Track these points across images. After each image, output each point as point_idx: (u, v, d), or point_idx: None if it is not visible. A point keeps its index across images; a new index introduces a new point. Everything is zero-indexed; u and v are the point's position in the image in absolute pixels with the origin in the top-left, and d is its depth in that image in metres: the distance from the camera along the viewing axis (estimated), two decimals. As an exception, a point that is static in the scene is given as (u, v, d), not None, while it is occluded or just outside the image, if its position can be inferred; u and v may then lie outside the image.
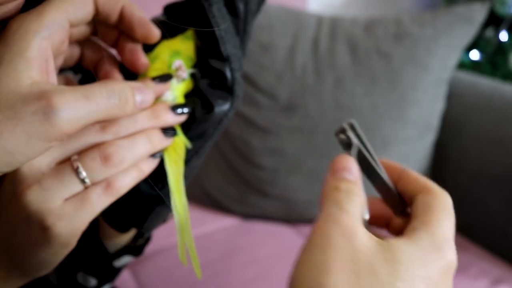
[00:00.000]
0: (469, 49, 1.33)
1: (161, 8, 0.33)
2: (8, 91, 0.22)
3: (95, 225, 0.38)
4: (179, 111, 0.30)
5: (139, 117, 0.28)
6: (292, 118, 0.88)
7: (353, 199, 0.23)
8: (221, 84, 0.31)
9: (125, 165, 0.27)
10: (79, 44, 0.31)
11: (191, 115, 0.30)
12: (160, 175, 0.31)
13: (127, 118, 0.27)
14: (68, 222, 0.26)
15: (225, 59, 0.30)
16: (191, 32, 0.32)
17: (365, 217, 0.24)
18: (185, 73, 0.30)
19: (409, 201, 0.28)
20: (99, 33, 0.31)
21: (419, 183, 0.28)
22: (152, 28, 0.29)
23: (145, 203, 0.33)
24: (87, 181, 0.26)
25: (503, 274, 0.78)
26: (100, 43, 0.31)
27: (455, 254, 0.24)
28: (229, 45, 0.30)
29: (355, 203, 0.23)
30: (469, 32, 0.91)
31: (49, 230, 0.26)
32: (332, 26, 0.92)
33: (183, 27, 0.32)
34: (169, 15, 0.32)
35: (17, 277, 0.29)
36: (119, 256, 0.39)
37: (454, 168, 0.95)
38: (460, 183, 0.93)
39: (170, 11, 0.32)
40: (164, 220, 0.36)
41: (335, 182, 0.25)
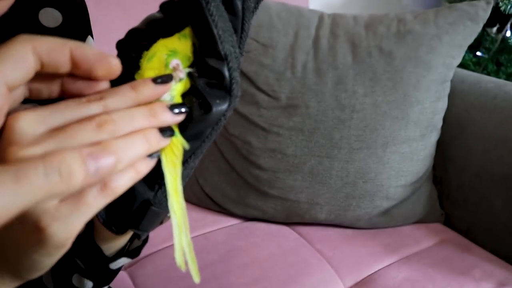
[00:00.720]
0: (473, 47, 1.32)
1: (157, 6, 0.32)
2: None
3: (91, 227, 0.37)
4: (177, 110, 0.29)
5: (136, 116, 0.27)
6: (293, 118, 0.87)
7: None
8: (219, 83, 0.30)
9: (122, 165, 0.26)
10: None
11: (189, 115, 0.30)
12: (156, 176, 0.31)
13: (124, 117, 0.27)
14: (63, 223, 0.25)
15: (223, 58, 0.30)
16: (188, 30, 0.31)
17: None
18: (182, 73, 0.30)
19: None
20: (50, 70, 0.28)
21: None
22: (112, 59, 0.27)
23: (141, 204, 0.32)
24: None
25: (508, 276, 0.77)
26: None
27: None
28: (227, 44, 0.30)
29: None
30: (473, 30, 0.90)
31: (43, 231, 0.25)
32: (333, 24, 0.91)
33: (180, 25, 0.31)
34: (165, 13, 0.32)
35: (8, 280, 0.28)
36: (115, 259, 0.38)
37: (457, 167, 0.94)
38: (463, 183, 0.92)
39: (166, 9, 0.32)
40: (161, 222, 0.35)
41: None
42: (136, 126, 0.27)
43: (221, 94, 0.30)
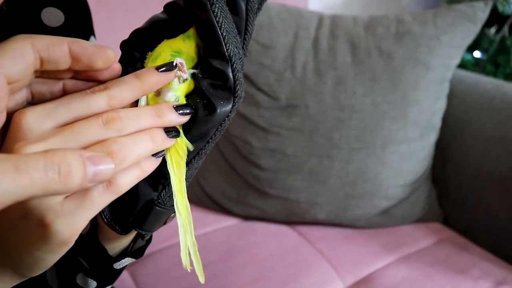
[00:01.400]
0: (471, 48, 1.32)
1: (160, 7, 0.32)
2: None
3: (95, 227, 0.38)
4: (182, 111, 0.29)
5: (142, 115, 0.27)
6: (292, 118, 0.87)
7: None
8: (223, 84, 0.30)
9: (127, 163, 0.26)
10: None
11: (193, 116, 0.30)
12: (160, 177, 0.31)
13: (131, 115, 0.27)
14: (67, 219, 0.25)
15: (227, 60, 0.30)
16: (192, 31, 0.31)
17: None
18: (186, 73, 0.30)
19: None
20: (51, 74, 0.28)
21: None
22: (109, 50, 0.28)
23: (144, 205, 0.32)
24: None
25: (506, 275, 0.78)
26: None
27: None
28: (231, 45, 0.30)
29: None
30: (472, 31, 0.90)
31: (47, 227, 0.25)
32: (332, 24, 0.92)
33: (184, 26, 0.31)
34: (169, 13, 0.32)
35: (9, 277, 0.28)
36: (119, 259, 0.38)
37: (455, 168, 0.94)
38: (462, 183, 0.92)
39: (170, 9, 0.32)
40: (164, 222, 0.35)
41: None
42: (142, 125, 0.27)
43: (225, 95, 0.30)
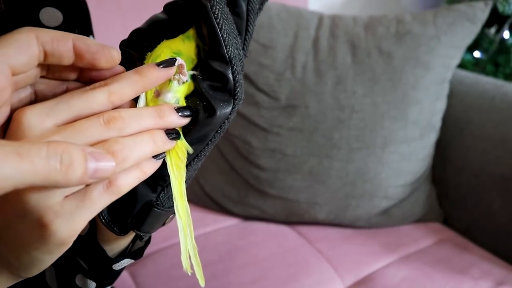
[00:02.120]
0: (471, 48, 1.32)
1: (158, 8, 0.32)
2: None
3: (94, 228, 0.37)
4: (183, 113, 0.29)
5: (144, 115, 0.27)
6: (292, 118, 0.87)
7: None
8: (223, 86, 0.30)
9: (128, 164, 0.26)
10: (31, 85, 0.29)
11: (193, 118, 0.30)
12: (159, 178, 0.31)
13: (132, 115, 0.27)
14: (67, 219, 0.25)
15: (227, 62, 0.30)
16: (192, 31, 0.31)
17: None
18: (186, 76, 0.30)
19: None
20: (56, 74, 0.29)
21: None
22: (113, 50, 0.28)
23: (143, 206, 0.32)
24: None
25: (506, 275, 0.78)
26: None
27: None
28: (231, 47, 0.30)
29: None
30: (472, 31, 0.90)
31: (46, 227, 0.25)
32: (332, 25, 0.92)
33: (184, 26, 0.31)
34: (169, 14, 0.31)
35: (4, 277, 0.28)
36: (118, 260, 0.38)
37: (455, 168, 0.94)
38: (462, 183, 0.92)
39: (170, 10, 0.31)
40: (163, 224, 0.35)
41: None
42: (143, 125, 0.27)
43: (225, 97, 0.30)
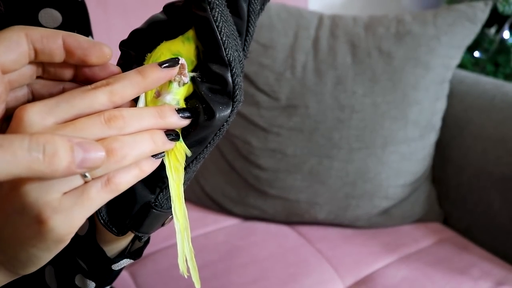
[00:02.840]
0: (471, 48, 1.32)
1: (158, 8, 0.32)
2: None
3: (93, 229, 0.38)
4: (183, 115, 0.29)
5: (145, 115, 0.27)
6: (292, 118, 0.87)
7: None
8: (222, 89, 0.30)
9: (127, 162, 0.26)
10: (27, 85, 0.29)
11: (192, 120, 0.30)
12: (157, 180, 0.31)
13: (133, 114, 0.27)
14: (65, 216, 0.25)
15: (226, 64, 0.29)
16: (192, 33, 0.31)
17: None
18: (187, 77, 0.30)
19: None
20: (51, 74, 0.29)
21: None
22: (104, 46, 0.28)
23: (141, 207, 0.32)
24: (88, 175, 0.25)
25: (506, 275, 0.78)
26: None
27: None
28: (230, 50, 0.29)
29: None
30: (472, 31, 0.90)
31: (44, 224, 0.25)
32: (332, 25, 0.92)
33: (183, 27, 0.31)
34: (168, 15, 0.31)
35: (1, 274, 0.28)
36: (117, 260, 0.38)
37: (455, 168, 0.94)
38: (462, 183, 0.92)
39: (169, 11, 0.31)
40: (162, 224, 0.35)
41: None
42: (143, 125, 0.27)
43: (224, 100, 0.30)
